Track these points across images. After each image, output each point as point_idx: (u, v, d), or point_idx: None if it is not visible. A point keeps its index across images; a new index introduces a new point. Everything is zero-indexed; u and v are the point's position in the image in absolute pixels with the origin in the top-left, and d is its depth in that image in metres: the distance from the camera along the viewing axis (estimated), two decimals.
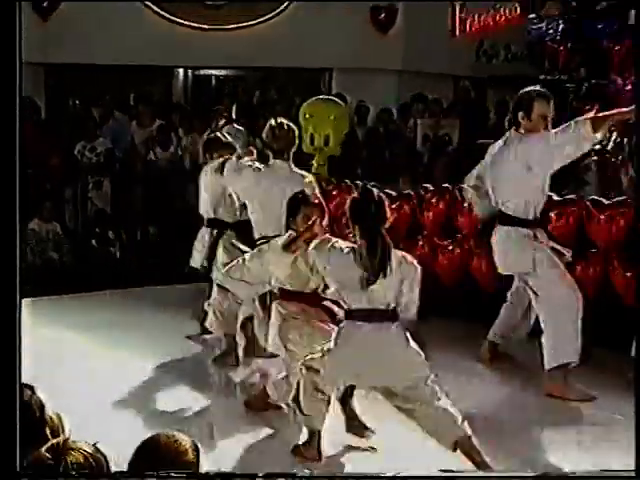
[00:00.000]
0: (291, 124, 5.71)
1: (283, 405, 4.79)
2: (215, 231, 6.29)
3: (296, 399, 4.36)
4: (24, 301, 2.66)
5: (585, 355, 5.26)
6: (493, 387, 5.54)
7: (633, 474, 2.45)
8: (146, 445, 2.44)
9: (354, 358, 4.17)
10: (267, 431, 4.74)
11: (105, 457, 2.34)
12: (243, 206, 6.05)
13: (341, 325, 4.28)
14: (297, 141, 5.77)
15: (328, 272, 4.30)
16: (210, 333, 6.28)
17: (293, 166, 5.65)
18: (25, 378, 2.61)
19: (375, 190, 4.28)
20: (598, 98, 8.94)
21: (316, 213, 4.69)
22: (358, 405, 4.65)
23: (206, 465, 2.45)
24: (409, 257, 4.24)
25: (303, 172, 5.73)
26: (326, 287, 4.57)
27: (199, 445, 2.46)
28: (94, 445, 2.34)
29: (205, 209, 6.38)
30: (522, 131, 5.39)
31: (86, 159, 9.89)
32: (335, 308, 4.60)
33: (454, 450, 4.13)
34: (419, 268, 4.21)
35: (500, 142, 5.54)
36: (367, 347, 4.16)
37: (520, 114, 5.35)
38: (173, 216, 9.45)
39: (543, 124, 5.37)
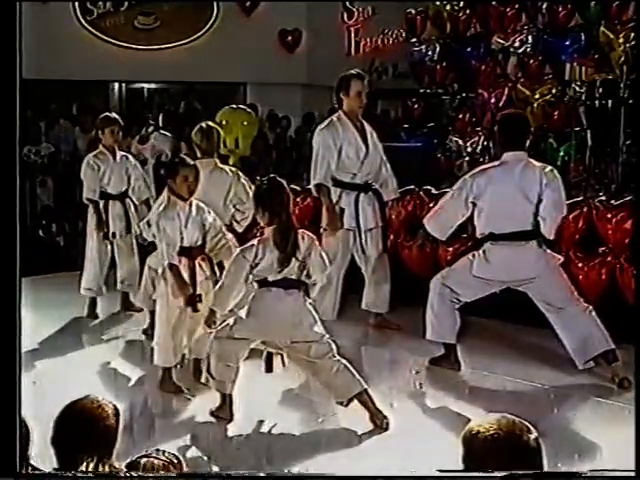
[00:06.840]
0: (217, 127, 6.08)
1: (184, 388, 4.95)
2: None
3: (208, 368, 4.47)
4: None
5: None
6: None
7: (633, 474, 2.35)
8: (70, 408, 2.43)
9: (267, 319, 4.33)
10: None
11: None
12: None
13: (254, 293, 4.35)
14: (221, 143, 6.11)
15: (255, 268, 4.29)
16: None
17: (218, 162, 5.96)
18: None
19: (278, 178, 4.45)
20: (468, 108, 10.39)
21: (193, 173, 4.86)
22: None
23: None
24: (306, 233, 4.44)
25: (226, 167, 6.06)
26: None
27: (119, 410, 2.48)
28: None
29: None
30: (345, 109, 5.97)
31: (31, 160, 10.46)
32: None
33: (349, 403, 4.37)
34: (314, 237, 4.46)
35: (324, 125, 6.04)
36: (278, 309, 4.28)
37: (341, 93, 5.91)
38: None
39: (359, 99, 5.95)
